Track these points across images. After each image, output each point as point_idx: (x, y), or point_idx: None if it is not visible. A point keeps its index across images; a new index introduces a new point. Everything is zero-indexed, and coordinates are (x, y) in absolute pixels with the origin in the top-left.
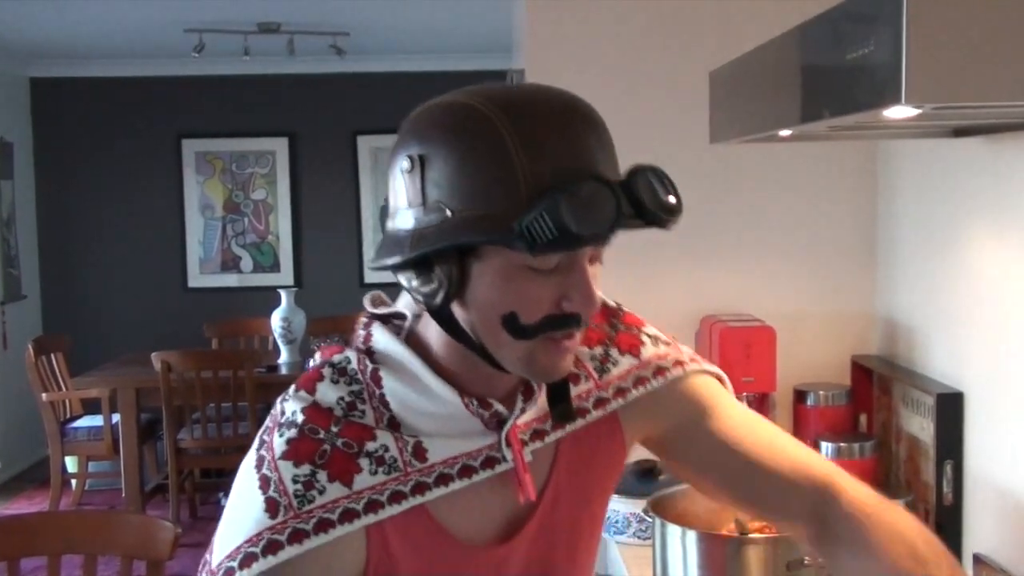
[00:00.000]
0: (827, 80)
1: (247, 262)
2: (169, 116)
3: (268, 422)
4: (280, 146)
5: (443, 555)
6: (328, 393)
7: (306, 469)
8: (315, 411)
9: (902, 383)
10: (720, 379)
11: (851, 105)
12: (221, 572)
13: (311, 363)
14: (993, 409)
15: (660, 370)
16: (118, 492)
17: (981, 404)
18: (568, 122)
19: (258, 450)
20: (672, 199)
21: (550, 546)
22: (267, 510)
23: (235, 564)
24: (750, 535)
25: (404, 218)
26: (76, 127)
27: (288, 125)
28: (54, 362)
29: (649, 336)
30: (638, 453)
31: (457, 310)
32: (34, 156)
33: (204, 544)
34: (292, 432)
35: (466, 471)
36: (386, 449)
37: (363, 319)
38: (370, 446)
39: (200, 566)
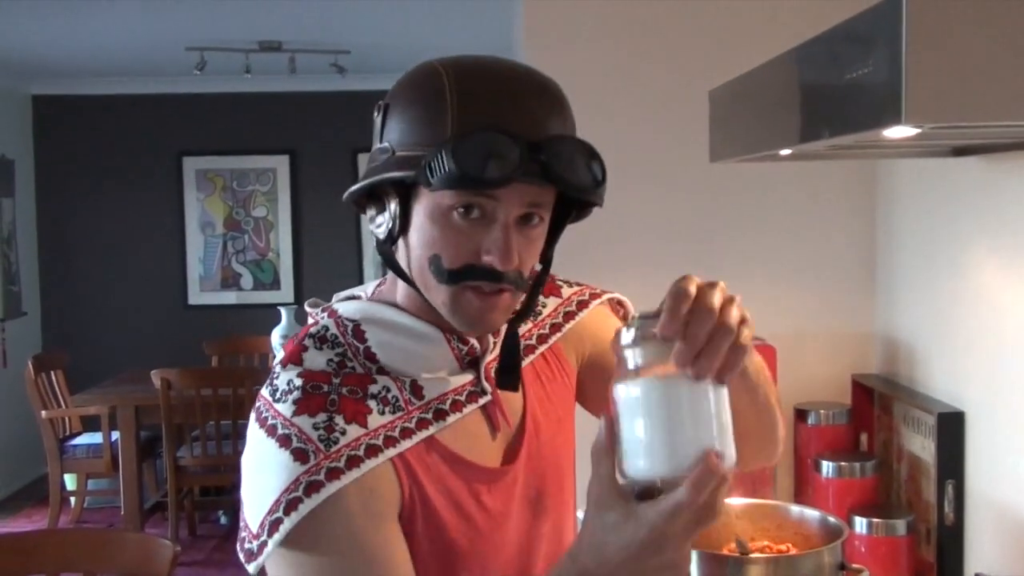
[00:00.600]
0: (826, 100)
1: (247, 279)
2: (170, 134)
3: (258, 407)
4: (281, 163)
5: (464, 477)
6: (316, 359)
7: (323, 417)
8: (311, 373)
9: (903, 402)
10: (622, 303)
11: (850, 125)
12: (267, 527)
13: (276, 360)
14: (994, 428)
15: (581, 303)
16: (117, 510)
17: (982, 423)
18: (510, 85)
19: (263, 425)
20: (587, 172)
21: (541, 469)
22: (296, 459)
23: (280, 514)
24: (751, 555)
25: (370, 160)
26: (77, 145)
27: (289, 143)
28: (54, 379)
29: (563, 281)
30: None
31: (401, 251)
32: (35, 173)
33: (204, 562)
34: (296, 394)
35: (456, 405)
36: (388, 390)
37: (314, 309)
38: (373, 388)
39: (239, 544)
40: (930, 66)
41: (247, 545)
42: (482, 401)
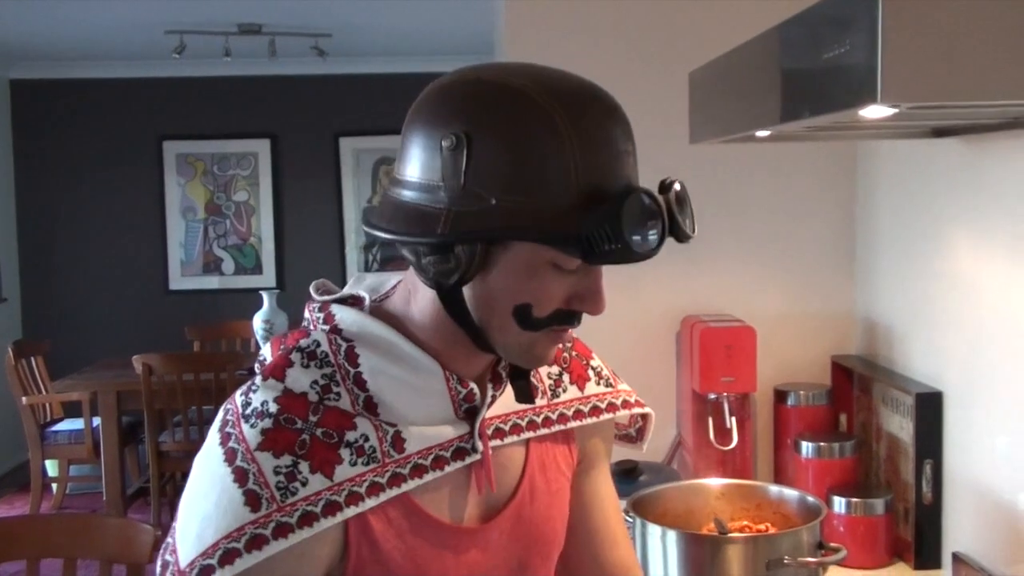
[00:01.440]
0: (804, 80)
1: (229, 264)
2: (150, 118)
3: (226, 416)
4: (262, 148)
5: (426, 536)
6: (300, 379)
7: (287, 460)
8: (289, 399)
9: (882, 383)
10: (645, 417)
11: (828, 105)
12: (196, 570)
13: (261, 357)
14: (972, 408)
15: (595, 409)
16: (99, 496)
17: (960, 403)
18: (613, 120)
19: (223, 443)
20: (691, 215)
21: (529, 537)
22: (247, 503)
23: (213, 561)
24: (730, 534)
25: (432, 194)
26: (56, 129)
27: (270, 127)
28: (34, 365)
29: (594, 370)
30: (618, 453)
31: (465, 290)
32: (14, 159)
33: None
34: (266, 422)
35: (438, 462)
36: (366, 439)
37: (314, 304)
38: (350, 436)
39: (160, 567)
40: (906, 46)
41: (171, 568)
42: (469, 460)
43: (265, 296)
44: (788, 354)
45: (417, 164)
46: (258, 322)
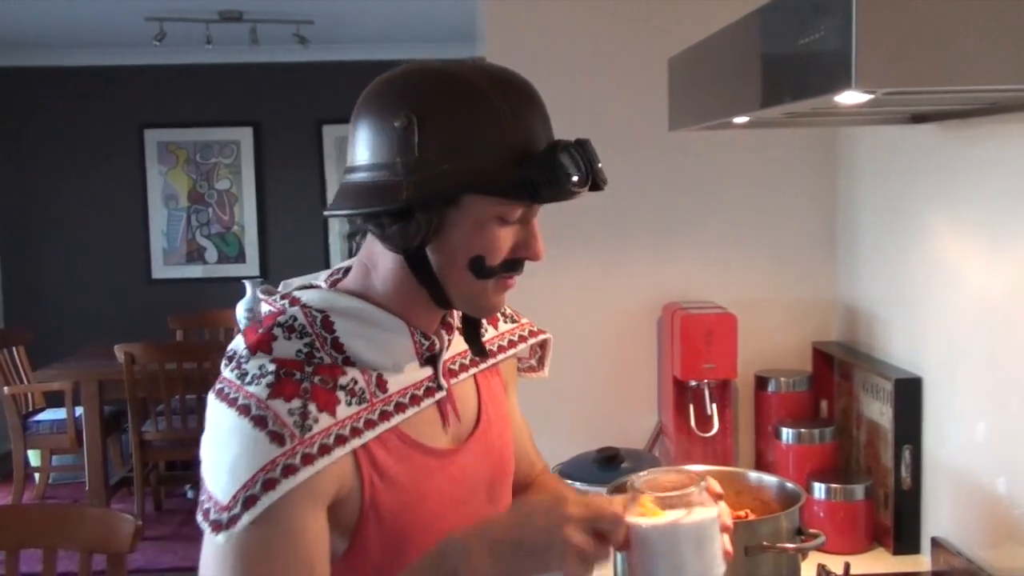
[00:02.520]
0: (781, 66)
1: (212, 253)
2: (131, 106)
3: (222, 390)
4: (244, 136)
5: (420, 460)
6: (285, 348)
7: (297, 403)
8: (282, 360)
9: (862, 369)
10: (545, 344)
11: (804, 91)
12: (240, 501)
13: (231, 351)
14: (951, 394)
15: (511, 343)
16: (82, 485)
17: (939, 389)
18: (530, 96)
19: (232, 406)
20: (603, 171)
21: (493, 460)
22: (272, 441)
23: (256, 491)
24: None
25: (388, 170)
26: (35, 118)
27: (252, 115)
28: (15, 355)
29: (512, 310)
30: (600, 440)
31: (428, 251)
32: None
33: (170, 537)
34: (269, 378)
35: (414, 400)
36: (355, 382)
37: (273, 297)
38: (342, 380)
39: (201, 514)
40: (881, 31)
41: (214, 516)
42: (438, 396)
43: (248, 285)
44: (769, 340)
45: (369, 148)
46: (241, 311)
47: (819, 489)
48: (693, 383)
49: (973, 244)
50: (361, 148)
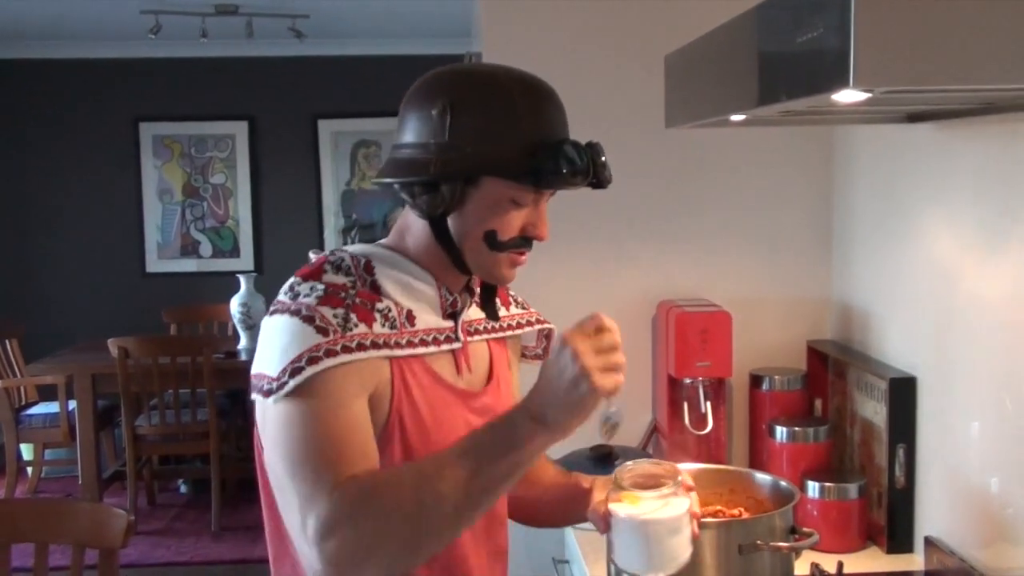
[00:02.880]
0: (778, 64)
1: (206, 247)
2: (126, 99)
3: (276, 305)
4: (239, 130)
5: (441, 392)
6: (334, 278)
7: (341, 311)
8: (331, 284)
9: (856, 368)
10: (549, 335)
11: (801, 89)
12: (288, 372)
13: (293, 280)
14: (945, 393)
15: (530, 323)
16: (75, 479)
17: (933, 388)
18: (552, 99)
19: (286, 310)
20: (608, 167)
21: (498, 415)
22: (319, 332)
23: (303, 364)
24: (703, 519)
25: (424, 149)
26: (30, 111)
27: (247, 109)
28: (8, 348)
29: (512, 296)
30: (594, 438)
31: (449, 221)
32: None
33: (163, 531)
34: (319, 291)
35: (435, 341)
36: (389, 310)
37: (321, 253)
38: (379, 305)
39: (253, 391)
40: (879, 30)
41: (265, 386)
42: (455, 345)
43: (242, 279)
44: (764, 339)
45: (412, 130)
46: (235, 305)
47: (813, 488)
48: (688, 381)
49: (968, 243)
50: (405, 131)
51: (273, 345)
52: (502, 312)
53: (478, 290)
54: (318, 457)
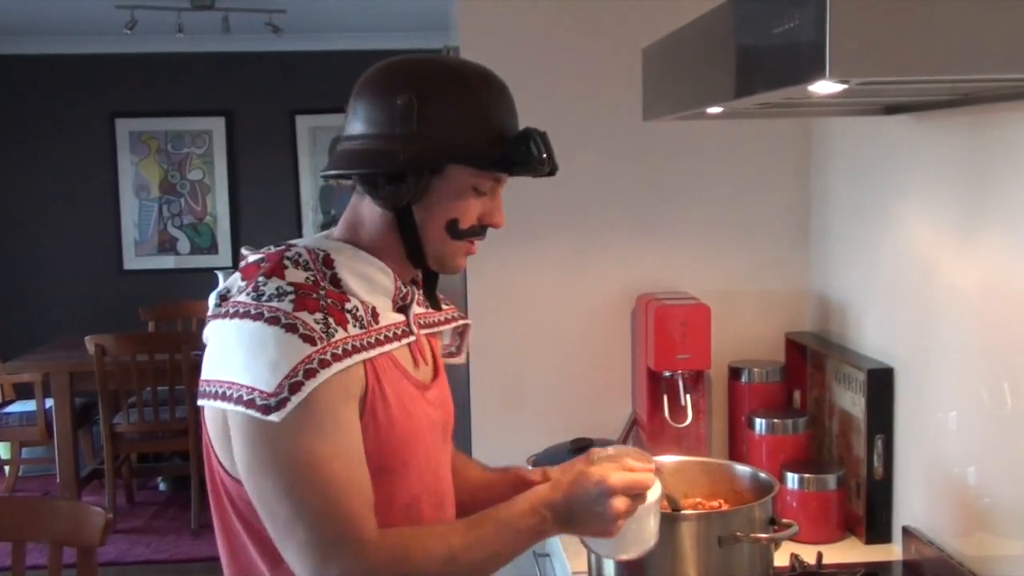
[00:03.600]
0: (755, 56)
1: (184, 244)
2: (101, 95)
3: (241, 308)
4: (217, 125)
5: (407, 386)
6: (295, 275)
7: (319, 316)
8: (298, 284)
9: (835, 359)
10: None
11: (778, 80)
12: (286, 388)
13: (223, 289)
14: (922, 384)
15: (452, 319)
16: (53, 478)
17: (911, 379)
18: (507, 91)
19: (258, 319)
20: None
21: (445, 409)
22: (306, 342)
23: (300, 378)
24: (682, 511)
25: (387, 140)
26: (4, 107)
27: (225, 104)
28: None
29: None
30: (574, 431)
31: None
32: None
33: (143, 529)
34: (291, 296)
35: (395, 337)
36: (357, 309)
37: (266, 250)
38: (348, 305)
39: (241, 405)
40: (855, 21)
41: (261, 402)
42: (411, 339)
43: (220, 276)
44: (742, 331)
45: (370, 120)
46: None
47: (792, 479)
48: (667, 374)
49: (945, 234)
50: (361, 120)
51: (255, 357)
52: (445, 307)
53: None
54: (336, 502)
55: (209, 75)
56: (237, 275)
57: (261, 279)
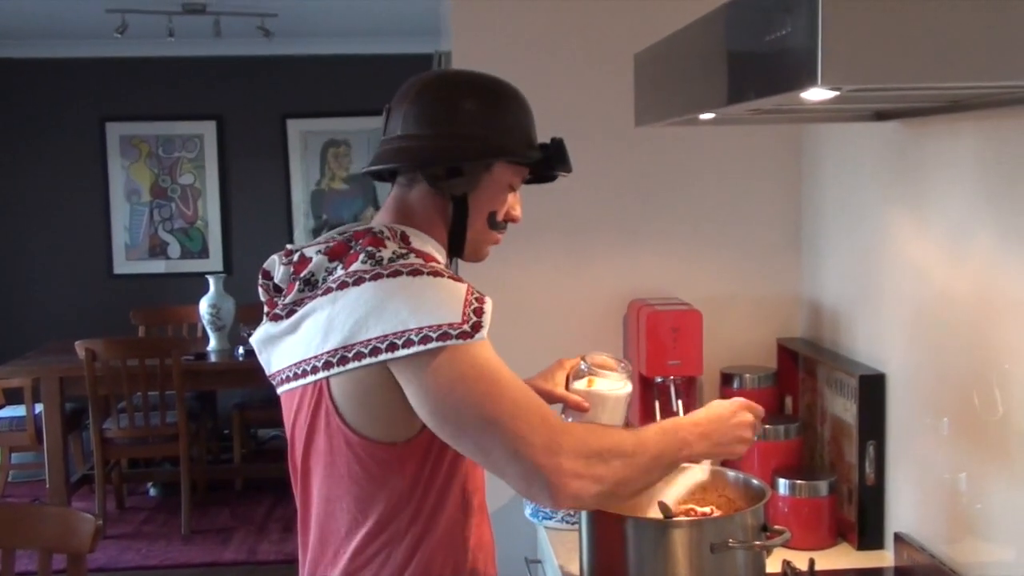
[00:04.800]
0: (747, 62)
1: (175, 248)
2: (92, 99)
3: (362, 274)
4: (208, 130)
5: None
6: (391, 244)
7: (442, 267)
8: (411, 250)
9: (826, 365)
10: None
11: (770, 87)
12: (470, 313)
13: (325, 263)
14: (914, 390)
15: None
16: (43, 484)
17: (902, 385)
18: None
19: (396, 274)
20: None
21: None
22: (456, 281)
23: (475, 306)
24: (674, 519)
25: (447, 138)
26: None
27: (216, 108)
28: None
29: None
30: None
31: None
32: None
33: (133, 535)
34: (411, 255)
35: None
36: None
37: (330, 233)
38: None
39: (436, 341)
40: (847, 28)
41: (457, 332)
42: None
43: (211, 280)
44: (734, 337)
45: (433, 121)
46: (204, 307)
47: (784, 485)
48: (659, 379)
49: (936, 240)
50: (421, 121)
51: (419, 302)
52: None
53: None
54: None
55: (200, 79)
56: (322, 258)
57: (370, 249)
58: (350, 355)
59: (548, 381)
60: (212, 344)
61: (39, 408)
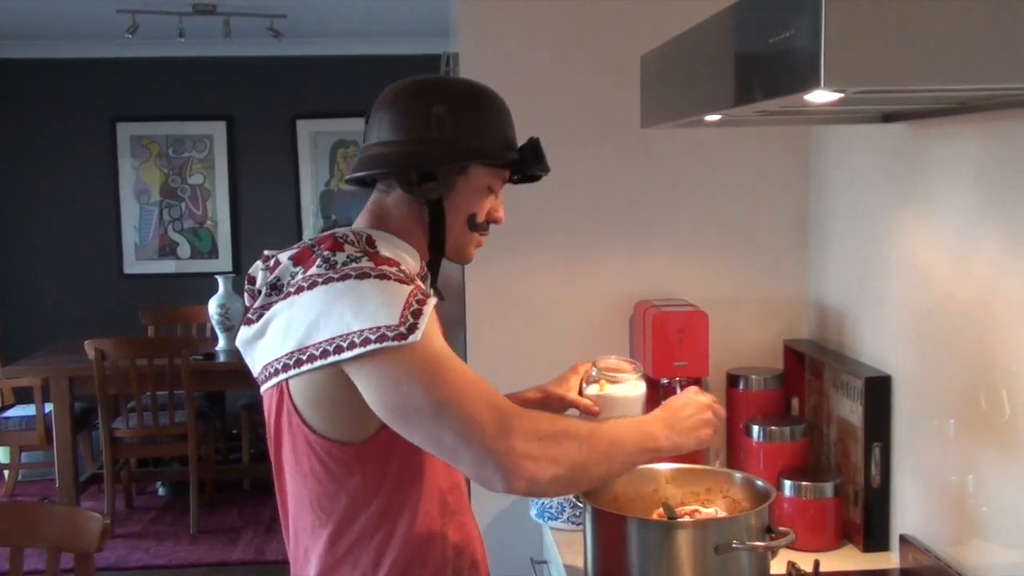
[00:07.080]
0: (751, 64)
1: (184, 248)
2: (102, 99)
3: (314, 278)
4: (217, 130)
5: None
6: (351, 249)
7: (395, 269)
8: (367, 253)
9: (832, 367)
10: None
11: (774, 89)
12: (408, 317)
13: (290, 265)
14: (920, 392)
15: None
16: (52, 483)
17: (909, 387)
18: (508, 108)
19: (346, 278)
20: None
21: None
22: (401, 284)
23: (415, 308)
24: (678, 520)
25: (423, 143)
26: (5, 110)
27: (225, 109)
28: None
29: None
30: None
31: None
32: None
33: (141, 534)
34: (364, 257)
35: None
36: (406, 273)
37: (302, 244)
38: (401, 267)
39: (374, 344)
40: (850, 31)
41: (393, 334)
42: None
43: (221, 280)
44: (741, 338)
45: (405, 127)
46: (213, 307)
47: (789, 487)
48: (665, 381)
49: (943, 242)
50: (395, 127)
51: (361, 304)
52: None
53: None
54: (485, 385)
55: (210, 80)
56: (287, 263)
57: (326, 254)
58: (304, 357)
59: (561, 386)
60: (221, 344)
61: (48, 407)
